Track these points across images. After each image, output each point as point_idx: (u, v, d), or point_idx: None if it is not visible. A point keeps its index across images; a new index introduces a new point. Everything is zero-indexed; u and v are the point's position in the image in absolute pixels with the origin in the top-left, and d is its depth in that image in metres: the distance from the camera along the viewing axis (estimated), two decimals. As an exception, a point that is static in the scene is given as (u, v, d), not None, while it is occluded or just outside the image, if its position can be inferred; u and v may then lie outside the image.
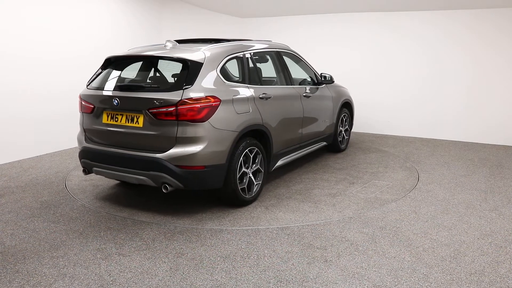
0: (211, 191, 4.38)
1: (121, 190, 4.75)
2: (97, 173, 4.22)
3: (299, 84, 5.59)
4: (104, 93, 4.12)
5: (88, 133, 4.31)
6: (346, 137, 6.73)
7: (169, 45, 4.28)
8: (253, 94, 4.36)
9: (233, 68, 4.57)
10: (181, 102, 3.68)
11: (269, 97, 4.57)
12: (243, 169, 4.17)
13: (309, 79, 5.77)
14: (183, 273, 2.97)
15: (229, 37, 8.35)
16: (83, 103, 4.29)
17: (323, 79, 5.84)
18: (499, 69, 7.32)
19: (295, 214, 4.05)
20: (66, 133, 6.42)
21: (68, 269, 3.00)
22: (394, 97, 8.24)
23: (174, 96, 3.71)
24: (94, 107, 4.17)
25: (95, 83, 4.32)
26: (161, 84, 4.31)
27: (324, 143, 6.08)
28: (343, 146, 6.64)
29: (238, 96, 4.14)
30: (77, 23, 6.60)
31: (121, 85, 4.16)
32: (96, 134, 4.23)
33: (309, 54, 8.20)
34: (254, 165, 4.32)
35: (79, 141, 4.39)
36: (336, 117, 6.25)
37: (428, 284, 2.83)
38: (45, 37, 6.15)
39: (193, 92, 3.74)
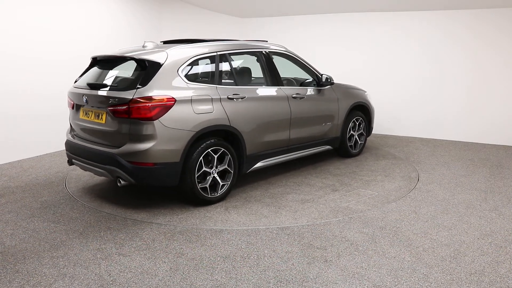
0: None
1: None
2: (76, 164, 4.53)
3: (301, 85, 5.53)
4: (79, 91, 4.41)
5: (72, 127, 4.71)
6: (360, 142, 6.38)
7: (148, 45, 4.44)
8: (220, 95, 4.34)
9: (203, 68, 4.55)
10: (133, 101, 3.83)
11: (242, 98, 4.54)
12: (204, 168, 4.18)
13: (309, 81, 5.64)
14: (183, 273, 2.97)
15: (228, 37, 8.36)
16: (68, 99, 4.66)
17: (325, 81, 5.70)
18: (499, 69, 7.32)
19: (248, 217, 4.00)
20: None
21: (68, 269, 3.00)
22: (394, 97, 8.24)
23: (127, 95, 3.89)
24: (74, 103, 4.52)
25: (78, 81, 4.62)
26: (121, 83, 4.36)
27: (328, 147, 5.86)
28: (354, 151, 6.30)
29: (200, 96, 4.16)
30: (77, 23, 6.61)
31: (90, 84, 4.37)
32: (76, 129, 4.59)
33: (309, 54, 8.20)
34: (221, 165, 4.34)
35: (66, 134, 4.77)
36: (343, 120, 5.95)
37: (428, 284, 2.83)
38: (45, 37, 6.15)
39: (146, 92, 3.87)
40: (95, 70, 4.61)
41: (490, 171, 5.68)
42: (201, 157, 4.12)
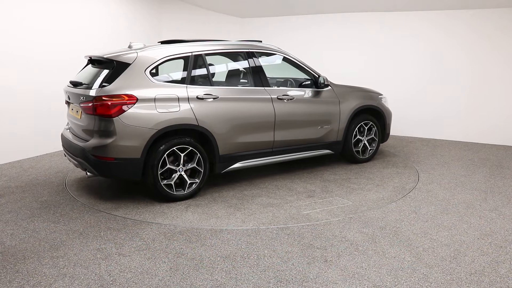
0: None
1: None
2: (66, 156, 4.79)
3: (299, 87, 5.40)
4: (67, 88, 4.73)
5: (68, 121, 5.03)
6: (369, 148, 6.03)
7: (134, 46, 4.60)
8: (188, 94, 4.39)
9: (174, 69, 4.67)
10: (96, 99, 4.07)
11: (215, 98, 4.54)
12: (169, 166, 4.28)
13: (307, 82, 5.46)
14: (183, 273, 2.97)
15: (228, 37, 8.36)
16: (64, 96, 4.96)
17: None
18: (500, 69, 7.32)
19: (200, 216, 4.01)
20: (66, 133, 6.41)
21: (68, 269, 3.00)
22: (394, 97, 8.22)
23: (93, 93, 4.14)
24: (65, 100, 4.87)
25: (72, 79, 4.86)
26: (92, 82, 4.46)
27: (327, 151, 5.60)
28: (362, 157, 5.97)
29: (165, 96, 4.27)
30: (77, 23, 6.61)
31: (71, 82, 4.64)
32: (69, 123, 4.92)
33: (309, 55, 8.20)
34: (189, 163, 4.41)
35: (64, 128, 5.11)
36: (345, 124, 5.67)
37: (428, 284, 2.83)
38: (46, 37, 6.16)
39: (109, 90, 4.08)
40: (86, 69, 4.79)
41: (490, 171, 5.68)
42: (165, 155, 4.24)
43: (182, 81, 4.51)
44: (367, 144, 6.01)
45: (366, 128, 5.95)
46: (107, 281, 2.85)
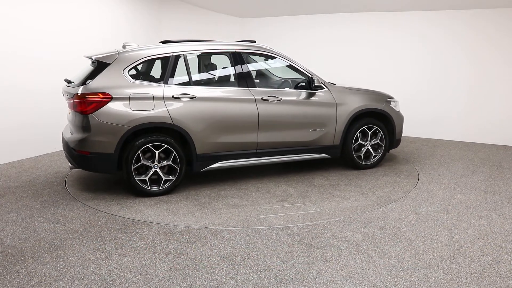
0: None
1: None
2: None
3: (295, 88, 5.24)
4: (63, 86, 4.88)
5: None
6: (374, 154, 5.67)
7: (128, 46, 4.72)
8: (164, 94, 4.50)
9: (153, 69, 5.00)
10: (76, 96, 4.32)
11: (192, 98, 4.59)
12: (143, 162, 4.44)
13: (302, 83, 5.24)
14: (183, 273, 2.97)
15: (227, 37, 8.37)
16: None
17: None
18: (500, 69, 7.32)
19: (160, 212, 4.09)
20: (66, 133, 6.40)
21: (68, 269, 3.00)
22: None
23: (74, 90, 4.39)
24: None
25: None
26: (77, 80, 4.63)
27: (323, 155, 5.37)
28: (365, 163, 5.64)
29: (139, 95, 4.42)
30: (77, 23, 6.61)
31: (66, 80, 4.83)
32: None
33: (309, 55, 8.20)
34: (165, 161, 4.53)
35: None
36: (343, 128, 5.37)
37: (428, 284, 2.83)
38: (46, 38, 6.16)
39: (87, 88, 4.30)
40: (83, 68, 4.92)
41: (490, 171, 5.68)
42: (139, 151, 4.40)
43: (160, 80, 4.66)
44: (371, 149, 5.64)
45: (369, 132, 5.58)
46: (107, 281, 2.85)
